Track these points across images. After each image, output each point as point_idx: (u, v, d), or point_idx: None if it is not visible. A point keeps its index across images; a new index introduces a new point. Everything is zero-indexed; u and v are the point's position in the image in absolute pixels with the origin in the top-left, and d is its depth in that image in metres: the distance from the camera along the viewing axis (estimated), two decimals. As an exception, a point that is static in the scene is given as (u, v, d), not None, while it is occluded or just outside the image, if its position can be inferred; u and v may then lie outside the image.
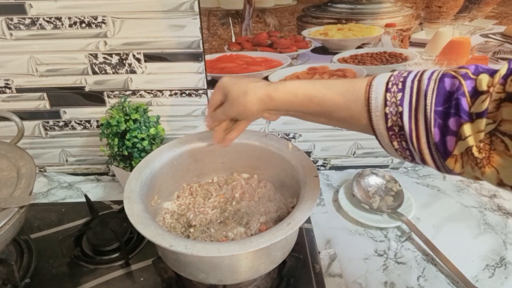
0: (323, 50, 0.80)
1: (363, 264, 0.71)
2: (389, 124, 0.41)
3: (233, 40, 0.78)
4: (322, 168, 0.97)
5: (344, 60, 0.81)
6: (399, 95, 0.40)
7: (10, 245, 0.71)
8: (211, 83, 0.84)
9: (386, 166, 0.97)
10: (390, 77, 0.42)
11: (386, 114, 0.41)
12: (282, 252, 0.59)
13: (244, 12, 0.75)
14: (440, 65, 0.82)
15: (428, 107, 0.38)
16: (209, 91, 0.85)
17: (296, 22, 0.77)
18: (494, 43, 0.80)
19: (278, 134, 0.91)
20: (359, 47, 0.80)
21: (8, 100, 0.85)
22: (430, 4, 0.75)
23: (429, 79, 0.39)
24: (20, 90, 0.84)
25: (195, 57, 0.80)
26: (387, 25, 0.77)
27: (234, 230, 0.62)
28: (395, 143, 0.42)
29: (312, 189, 0.58)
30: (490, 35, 0.79)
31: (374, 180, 0.86)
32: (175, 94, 0.85)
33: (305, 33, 0.78)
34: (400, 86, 0.41)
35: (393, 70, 0.44)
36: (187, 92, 0.85)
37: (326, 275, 0.68)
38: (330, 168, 0.97)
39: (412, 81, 0.40)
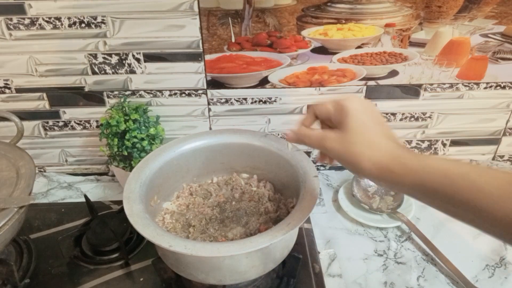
0: (323, 50, 0.80)
1: (363, 264, 0.71)
2: None
3: (233, 40, 0.78)
4: (322, 168, 0.97)
5: (343, 60, 0.81)
6: None
7: (10, 246, 0.71)
8: (211, 83, 0.84)
9: (386, 166, 0.97)
10: None
11: None
12: (282, 252, 0.59)
13: (243, 12, 0.75)
14: (440, 65, 0.82)
15: None
16: (209, 91, 0.85)
17: (295, 22, 0.77)
18: (494, 43, 0.80)
19: (278, 134, 0.91)
20: (358, 47, 0.80)
21: (8, 100, 0.85)
22: (430, 4, 0.75)
23: None
24: (19, 90, 0.84)
25: (195, 57, 0.80)
26: (387, 25, 0.77)
27: (233, 230, 0.62)
28: None
29: (312, 189, 0.58)
30: (490, 35, 0.79)
31: (374, 180, 0.86)
32: (175, 94, 0.85)
33: (304, 33, 0.78)
34: None
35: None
36: (186, 92, 0.85)
37: (326, 275, 0.68)
38: (330, 168, 0.97)
39: None
